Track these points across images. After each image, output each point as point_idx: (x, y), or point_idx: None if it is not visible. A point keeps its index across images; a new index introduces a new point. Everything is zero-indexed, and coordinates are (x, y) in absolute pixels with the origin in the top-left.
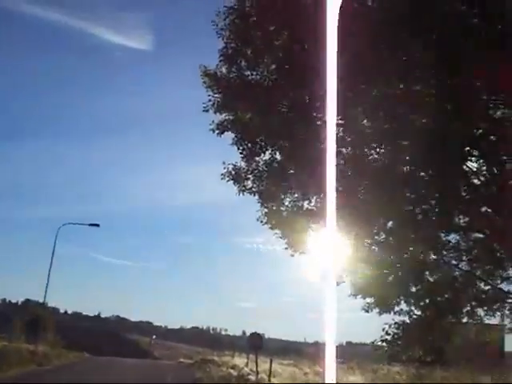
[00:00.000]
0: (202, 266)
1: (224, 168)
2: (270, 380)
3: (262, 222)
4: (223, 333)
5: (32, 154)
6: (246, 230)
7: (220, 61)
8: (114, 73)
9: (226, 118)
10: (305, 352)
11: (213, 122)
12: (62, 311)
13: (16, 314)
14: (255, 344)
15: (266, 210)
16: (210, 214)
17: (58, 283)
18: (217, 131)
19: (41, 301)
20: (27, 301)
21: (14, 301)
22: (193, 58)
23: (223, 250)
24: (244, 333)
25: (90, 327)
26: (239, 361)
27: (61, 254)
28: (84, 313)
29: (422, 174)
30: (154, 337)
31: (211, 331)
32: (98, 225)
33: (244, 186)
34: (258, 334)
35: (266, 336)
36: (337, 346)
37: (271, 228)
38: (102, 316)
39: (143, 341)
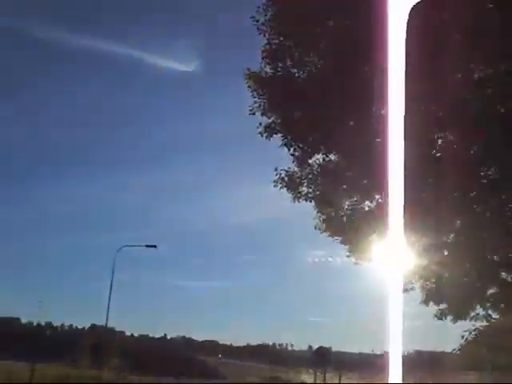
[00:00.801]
0: (266, 283)
1: (276, 174)
2: None
3: (320, 229)
4: (289, 348)
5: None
6: (309, 243)
7: (263, 58)
8: (167, 96)
9: (274, 120)
10: (373, 363)
11: (260, 124)
12: (128, 334)
13: (82, 339)
14: (322, 359)
15: (323, 216)
16: (271, 231)
17: (123, 307)
18: (265, 134)
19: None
20: (93, 326)
21: (80, 326)
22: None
23: (286, 265)
24: (310, 347)
25: (156, 349)
26: (307, 377)
27: (121, 279)
28: (150, 335)
29: (492, 169)
30: (220, 356)
31: (277, 347)
32: (155, 246)
33: (299, 193)
34: (325, 348)
35: (333, 349)
36: (406, 356)
37: (330, 235)
38: (168, 337)
39: (210, 360)
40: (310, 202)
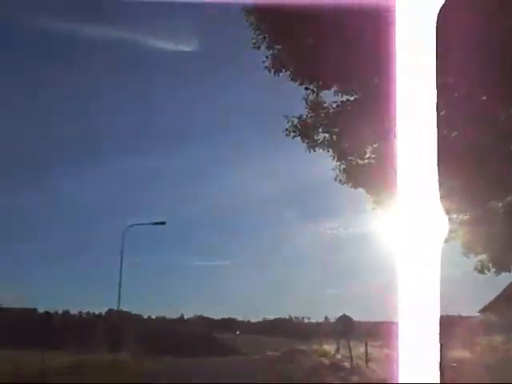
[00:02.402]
0: (280, 258)
1: (288, 122)
2: (367, 366)
3: (340, 181)
4: (306, 321)
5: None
6: (324, 215)
7: None
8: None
9: (282, 52)
10: (392, 331)
11: (267, 58)
12: (145, 317)
13: (98, 325)
14: (346, 328)
15: (343, 165)
16: (284, 203)
17: (138, 290)
18: (272, 69)
19: (124, 309)
20: (110, 311)
21: (97, 312)
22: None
23: (301, 239)
24: (326, 318)
25: (173, 330)
26: (329, 348)
27: (134, 261)
28: (167, 316)
29: None
30: (238, 332)
31: (294, 320)
32: (164, 222)
33: (315, 141)
34: (348, 317)
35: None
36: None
37: (353, 186)
38: (185, 317)
39: (227, 337)
40: (328, 151)
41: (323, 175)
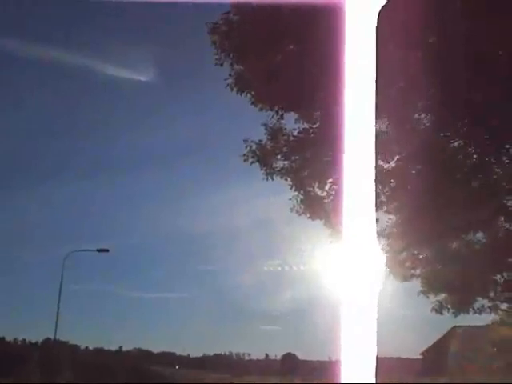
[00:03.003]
0: (224, 293)
1: (246, 147)
2: None
3: (297, 211)
4: (246, 358)
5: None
6: (266, 253)
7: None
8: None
9: (244, 71)
10: (332, 370)
11: (230, 75)
12: (83, 348)
13: (33, 354)
14: (291, 366)
15: (301, 196)
16: (229, 240)
17: (78, 320)
18: (235, 88)
19: (62, 339)
20: (47, 340)
21: (33, 341)
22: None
23: (244, 275)
24: (267, 355)
25: (111, 362)
26: None
27: (76, 290)
28: (106, 347)
29: None
30: (177, 367)
31: (234, 356)
32: (107, 250)
33: (272, 168)
34: (293, 355)
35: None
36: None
37: (310, 217)
38: (124, 350)
39: (166, 372)
40: (286, 179)
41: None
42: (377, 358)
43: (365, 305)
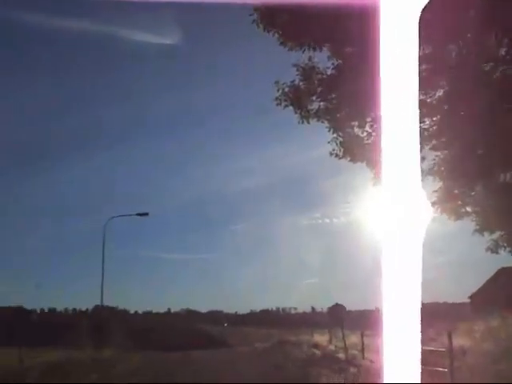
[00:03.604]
0: (262, 250)
1: (278, 90)
2: (364, 356)
3: (337, 155)
4: (293, 311)
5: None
6: (303, 206)
7: None
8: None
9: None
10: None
11: (254, 10)
12: (132, 312)
13: (83, 321)
14: (339, 316)
15: (340, 138)
16: (262, 196)
17: (125, 285)
18: (261, 25)
19: (112, 305)
20: (96, 307)
21: (83, 309)
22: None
23: (282, 230)
24: (313, 309)
25: (160, 324)
26: (320, 338)
27: (120, 256)
28: (154, 311)
29: None
30: (226, 324)
31: (281, 312)
32: (147, 213)
33: (307, 111)
34: (341, 305)
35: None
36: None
37: (351, 160)
38: (172, 311)
39: (215, 330)
40: (323, 121)
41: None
42: (424, 304)
43: (408, 251)
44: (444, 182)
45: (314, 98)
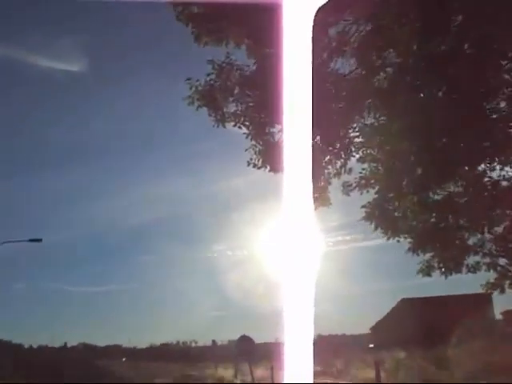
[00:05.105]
0: (167, 282)
1: (190, 87)
2: None
3: (254, 164)
4: (193, 345)
5: None
6: (205, 240)
7: None
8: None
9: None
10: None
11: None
12: (26, 347)
13: None
14: (247, 349)
15: (259, 146)
16: (166, 228)
17: (19, 317)
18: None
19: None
20: None
21: None
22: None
23: (185, 263)
24: (214, 342)
25: (54, 359)
26: (224, 373)
27: (20, 288)
28: (50, 345)
29: None
30: (124, 359)
31: (181, 344)
32: (40, 240)
33: (223, 113)
34: (248, 337)
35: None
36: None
37: (271, 170)
38: (69, 346)
39: (112, 365)
40: (240, 127)
41: None
42: (321, 336)
43: (302, 284)
44: (373, 196)
45: (231, 98)
